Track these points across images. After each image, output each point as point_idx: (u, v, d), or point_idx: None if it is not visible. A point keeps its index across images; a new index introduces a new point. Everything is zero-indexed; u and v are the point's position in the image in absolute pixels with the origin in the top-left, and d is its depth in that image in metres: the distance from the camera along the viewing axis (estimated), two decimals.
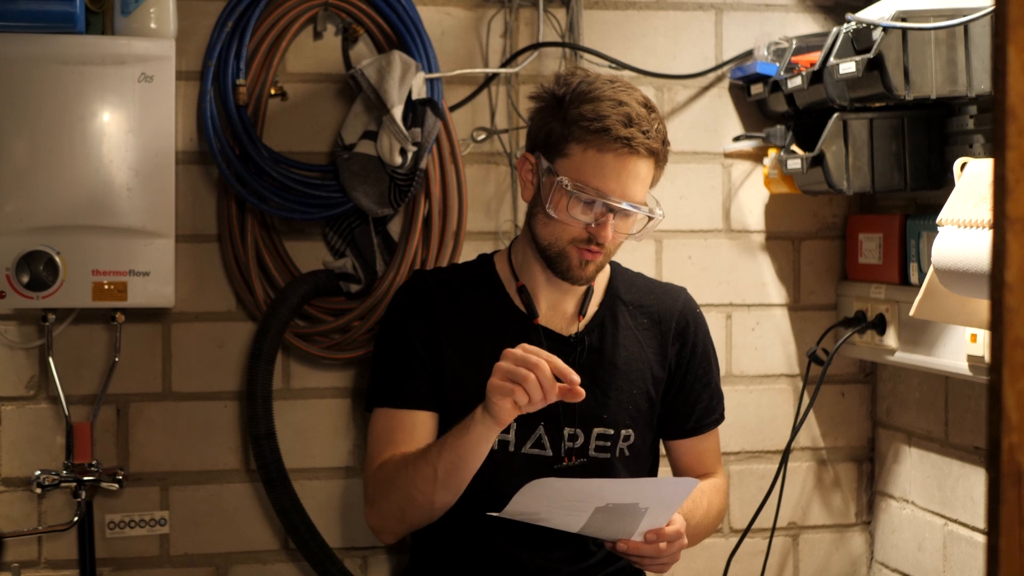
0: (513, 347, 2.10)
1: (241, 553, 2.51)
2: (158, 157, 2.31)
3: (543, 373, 1.84)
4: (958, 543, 2.45)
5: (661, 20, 2.63)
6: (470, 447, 1.94)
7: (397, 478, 2.02)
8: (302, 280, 2.45)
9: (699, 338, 2.23)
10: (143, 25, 2.32)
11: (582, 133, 2.00)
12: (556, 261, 2.07)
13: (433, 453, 1.98)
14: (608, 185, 2.01)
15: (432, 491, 1.98)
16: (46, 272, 2.27)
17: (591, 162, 2.01)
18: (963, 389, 2.42)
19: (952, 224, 2.01)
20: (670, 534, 1.98)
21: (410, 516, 2.05)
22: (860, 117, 2.34)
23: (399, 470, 2.01)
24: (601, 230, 2.02)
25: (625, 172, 2.01)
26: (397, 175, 2.38)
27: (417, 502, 2.01)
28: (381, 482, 2.06)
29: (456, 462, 1.95)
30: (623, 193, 2.02)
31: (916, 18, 2.15)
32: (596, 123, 1.99)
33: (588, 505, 1.90)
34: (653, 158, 2.04)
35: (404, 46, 2.43)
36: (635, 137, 1.99)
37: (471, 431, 1.93)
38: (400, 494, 2.02)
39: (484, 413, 1.91)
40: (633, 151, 2.00)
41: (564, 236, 2.05)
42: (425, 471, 1.97)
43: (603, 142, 2.00)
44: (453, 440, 1.95)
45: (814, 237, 2.71)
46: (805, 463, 2.72)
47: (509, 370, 1.85)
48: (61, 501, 2.42)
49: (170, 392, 2.47)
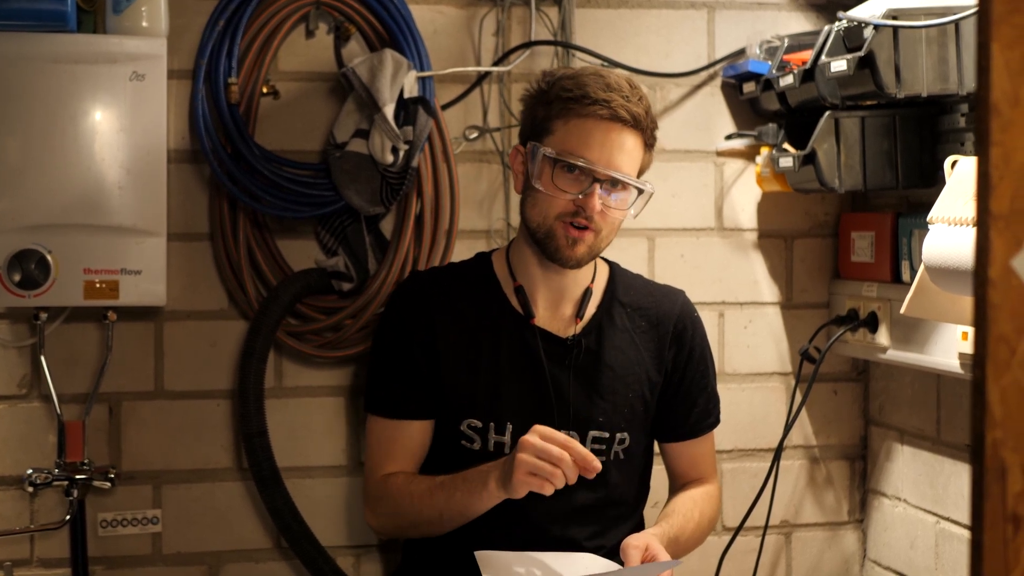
0: (510, 348, 2.11)
1: (233, 552, 2.51)
2: (150, 156, 2.31)
3: (567, 465, 1.86)
4: (950, 541, 2.45)
5: (653, 18, 2.63)
6: (477, 506, 2.01)
7: (400, 505, 2.09)
8: (294, 278, 2.45)
9: (696, 342, 2.23)
10: (135, 24, 2.32)
11: (563, 106, 2.03)
12: (545, 241, 2.07)
13: (439, 498, 2.03)
14: (591, 153, 2.01)
15: (435, 528, 2.08)
16: (38, 271, 2.27)
17: (574, 132, 2.02)
18: (955, 387, 2.43)
19: (942, 222, 2.01)
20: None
21: (411, 534, 2.17)
22: (852, 115, 2.34)
23: (402, 498, 2.08)
24: (588, 200, 2.02)
25: (608, 141, 2.02)
26: (389, 173, 2.38)
27: (419, 529, 2.11)
28: (383, 499, 2.13)
29: (462, 513, 2.03)
30: (608, 162, 2.02)
31: (907, 16, 2.15)
32: (575, 91, 2.02)
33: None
34: (637, 130, 2.04)
35: (396, 44, 2.43)
36: (613, 100, 2.01)
37: (482, 497, 1.98)
38: (403, 519, 2.11)
39: (500, 489, 1.94)
40: (614, 115, 2.01)
41: (551, 212, 2.04)
42: (429, 513, 2.05)
43: (582, 107, 2.01)
44: (462, 496, 2.00)
45: (806, 235, 2.71)
46: (798, 461, 2.73)
47: (534, 465, 1.87)
48: (53, 500, 2.42)
49: (162, 391, 2.47)
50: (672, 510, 2.18)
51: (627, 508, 2.19)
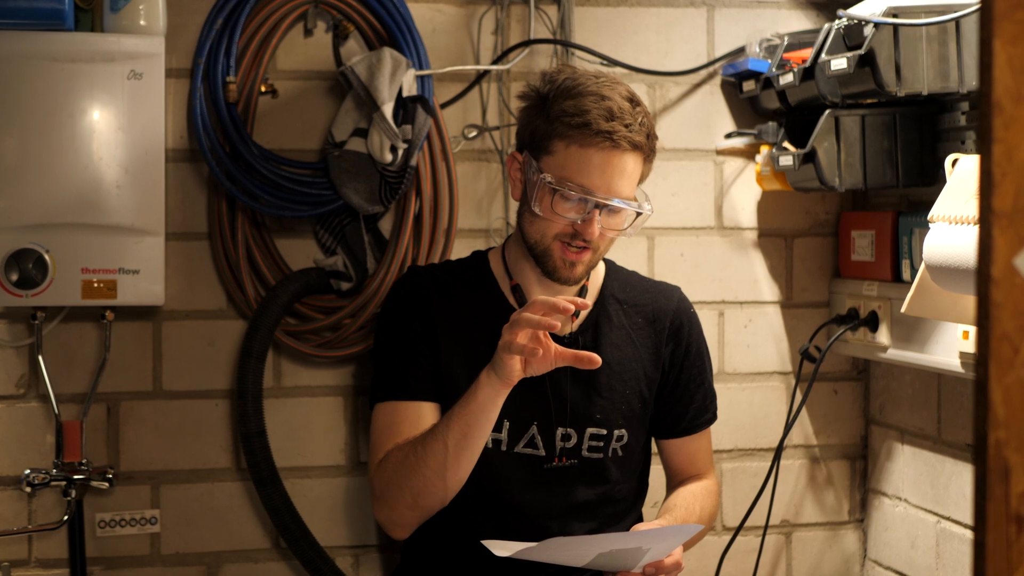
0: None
1: (232, 552, 2.50)
2: (148, 155, 2.31)
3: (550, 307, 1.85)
4: (951, 540, 2.45)
5: (653, 17, 2.62)
6: (478, 412, 1.95)
7: (406, 462, 1.99)
8: (293, 278, 2.44)
9: (693, 338, 2.23)
10: (132, 22, 2.31)
11: (564, 129, 2.00)
12: (543, 260, 2.06)
13: (441, 427, 1.98)
14: (592, 181, 1.99)
15: (444, 467, 1.96)
16: (35, 270, 2.26)
17: (575, 158, 2.00)
18: (956, 386, 2.42)
19: (943, 220, 2.00)
20: (668, 566, 1.98)
21: (423, 501, 2.02)
22: (852, 114, 2.33)
23: (407, 454, 2.00)
24: (587, 227, 2.01)
25: (609, 167, 2.00)
26: (387, 172, 2.38)
27: (430, 482, 1.98)
28: (389, 472, 2.03)
29: (466, 430, 1.95)
30: (608, 189, 2.00)
31: (907, 14, 2.15)
32: (577, 118, 1.98)
33: (593, 551, 1.92)
34: (638, 152, 2.03)
35: (395, 43, 2.42)
36: (617, 131, 1.98)
37: (478, 395, 1.94)
38: (412, 478, 1.99)
39: (491, 374, 1.92)
40: (616, 145, 1.99)
41: (549, 233, 2.04)
42: (435, 447, 1.96)
43: (584, 137, 1.99)
44: (460, 409, 1.96)
45: (807, 234, 2.71)
46: (798, 461, 2.72)
47: (518, 319, 1.87)
48: (51, 500, 2.42)
49: (161, 391, 2.46)
50: (673, 504, 2.18)
51: (626, 505, 2.18)
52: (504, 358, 1.89)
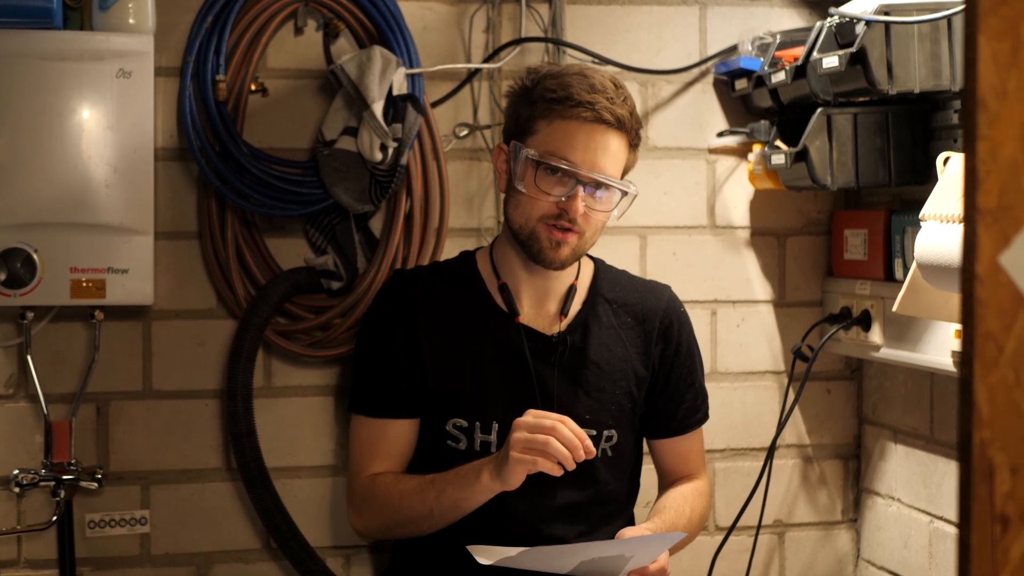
0: (494, 346, 2.10)
1: (222, 552, 2.49)
2: (137, 154, 2.30)
3: (562, 434, 1.85)
4: (944, 540, 2.44)
5: (644, 15, 2.61)
6: (470, 501, 1.98)
7: (389, 504, 2.06)
8: (283, 277, 2.43)
9: (683, 337, 2.22)
10: (121, 20, 2.30)
11: (546, 106, 2.01)
12: (528, 243, 2.05)
13: (430, 495, 2.01)
14: (575, 155, 1.99)
15: (425, 526, 2.05)
16: (24, 270, 2.25)
17: (557, 133, 2.00)
18: (948, 385, 2.41)
19: (934, 219, 1.99)
20: (653, 572, 1.97)
21: (397, 534, 2.13)
22: (844, 112, 2.33)
23: (390, 497, 2.06)
24: (571, 203, 2.00)
25: (592, 142, 2.00)
26: (378, 171, 2.37)
27: (409, 529, 2.08)
28: (369, 499, 2.10)
29: (454, 509, 2.00)
30: (591, 164, 2.00)
31: (899, 12, 2.14)
32: (560, 92, 2.00)
33: (576, 559, 1.92)
34: (622, 132, 2.02)
35: (385, 41, 2.41)
36: (598, 102, 1.98)
37: (475, 490, 1.96)
38: (391, 518, 2.08)
39: (494, 479, 1.93)
40: (598, 117, 1.99)
41: (534, 213, 2.03)
42: (419, 508, 2.02)
43: (565, 108, 1.99)
44: (453, 491, 1.98)
45: (799, 233, 2.70)
46: (791, 460, 2.71)
47: (527, 440, 1.86)
48: (40, 500, 2.40)
49: (150, 390, 2.45)
50: (663, 506, 2.17)
51: (616, 506, 2.18)
52: (517, 469, 1.88)
